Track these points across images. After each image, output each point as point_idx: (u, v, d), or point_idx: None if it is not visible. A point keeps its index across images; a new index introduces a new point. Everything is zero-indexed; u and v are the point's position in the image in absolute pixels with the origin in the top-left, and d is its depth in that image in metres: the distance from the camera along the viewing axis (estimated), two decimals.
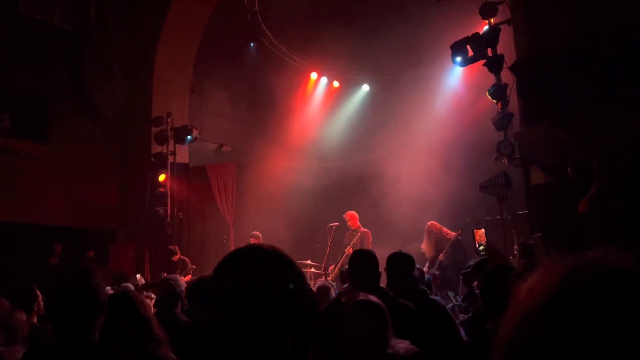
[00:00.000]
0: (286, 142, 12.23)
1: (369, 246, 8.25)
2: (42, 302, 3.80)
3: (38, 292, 3.91)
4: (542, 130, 7.01)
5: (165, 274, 8.26)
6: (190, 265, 9.49)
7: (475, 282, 4.09)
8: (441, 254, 7.21)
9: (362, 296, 2.33)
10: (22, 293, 3.73)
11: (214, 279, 1.21)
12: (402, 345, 2.35)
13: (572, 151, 6.58)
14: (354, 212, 9.35)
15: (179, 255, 9.58)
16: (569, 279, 0.56)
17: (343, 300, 2.29)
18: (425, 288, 3.96)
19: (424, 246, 7.68)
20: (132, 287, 5.52)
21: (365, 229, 9.08)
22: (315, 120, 13.14)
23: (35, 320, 3.58)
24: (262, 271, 1.17)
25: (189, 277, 9.04)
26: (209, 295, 1.21)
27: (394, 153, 11.18)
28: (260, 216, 11.14)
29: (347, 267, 7.16)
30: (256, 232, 9.63)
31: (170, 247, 9.75)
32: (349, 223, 9.21)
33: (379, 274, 3.42)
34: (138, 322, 2.43)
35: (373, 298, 2.34)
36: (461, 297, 5.43)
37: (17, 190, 9.43)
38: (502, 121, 7.70)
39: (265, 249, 1.23)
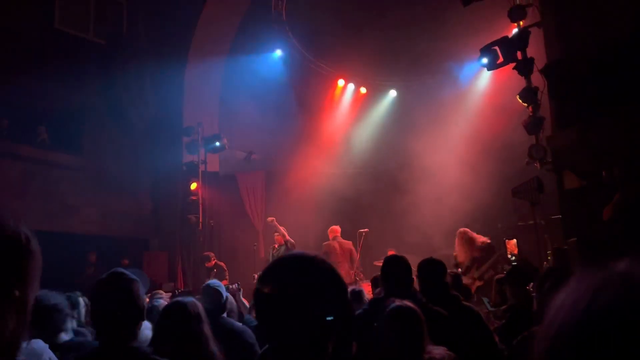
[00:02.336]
0: (315, 149, 12.29)
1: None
2: (83, 310, 3.93)
3: (81, 300, 4.04)
4: (575, 134, 6.90)
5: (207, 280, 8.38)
6: (226, 271, 9.56)
7: (531, 284, 4.04)
8: (484, 266, 7.11)
9: (397, 302, 2.36)
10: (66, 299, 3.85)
11: (261, 285, 1.25)
12: (438, 351, 2.36)
13: (605, 155, 6.45)
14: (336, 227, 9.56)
15: (214, 261, 9.64)
16: (597, 294, 0.55)
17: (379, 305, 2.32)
18: (458, 294, 3.93)
19: (457, 252, 7.58)
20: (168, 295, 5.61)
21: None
22: (344, 126, 13.17)
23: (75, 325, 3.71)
24: (307, 278, 1.21)
25: (225, 282, 9.16)
26: (256, 301, 1.25)
27: (424, 158, 11.11)
28: (290, 223, 11.20)
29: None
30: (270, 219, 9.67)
31: (206, 252, 9.83)
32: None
33: (412, 279, 3.43)
34: (191, 335, 2.50)
35: (409, 303, 2.36)
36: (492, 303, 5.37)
37: (53, 200, 9.72)
38: (534, 125, 7.59)
39: (309, 256, 1.26)
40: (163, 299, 5.16)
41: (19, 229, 0.80)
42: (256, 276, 7.25)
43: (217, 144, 11.11)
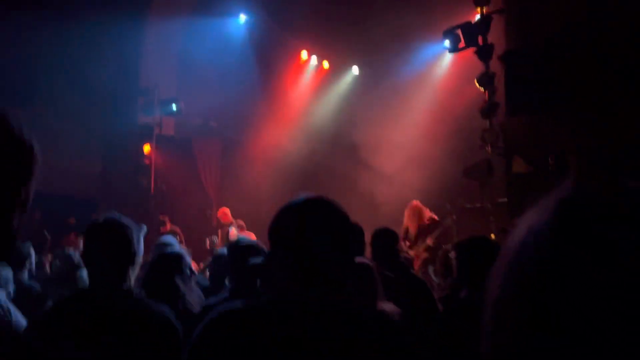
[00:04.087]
0: (275, 120, 12.24)
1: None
2: (34, 261, 3.93)
3: (32, 252, 4.01)
4: (526, 120, 7.18)
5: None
6: (180, 235, 9.43)
7: (453, 253, 4.23)
8: (429, 238, 7.35)
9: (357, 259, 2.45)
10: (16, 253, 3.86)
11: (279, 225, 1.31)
12: (388, 306, 2.48)
13: (553, 143, 6.75)
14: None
15: (169, 225, 9.50)
16: (572, 199, 0.54)
17: None
18: (405, 262, 4.09)
19: (407, 224, 7.79)
20: None
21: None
22: (304, 100, 13.14)
23: (26, 277, 3.69)
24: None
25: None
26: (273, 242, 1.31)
27: (381, 137, 11.28)
28: (244, 193, 11.19)
29: None
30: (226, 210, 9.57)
31: (161, 217, 9.66)
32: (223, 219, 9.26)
33: (364, 245, 3.55)
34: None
35: (364, 260, 2.46)
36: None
37: None
38: (488, 110, 7.84)
39: (327, 200, 1.34)
40: None
41: (26, 133, 0.84)
42: (208, 240, 7.21)
43: (174, 107, 10.88)
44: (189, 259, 3.28)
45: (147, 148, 10.74)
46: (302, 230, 1.28)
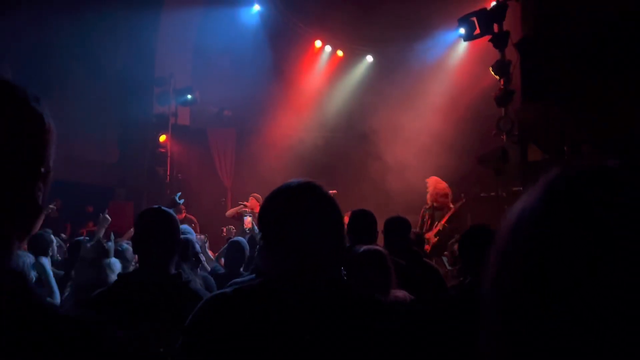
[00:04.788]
0: (288, 109, 12.26)
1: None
2: (56, 247, 4.06)
3: (52, 237, 4.14)
4: (542, 108, 7.12)
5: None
6: (196, 223, 9.50)
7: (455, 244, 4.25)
8: (441, 222, 7.35)
9: (366, 246, 2.49)
10: (39, 240, 4.01)
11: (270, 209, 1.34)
12: (400, 293, 2.51)
13: (568, 131, 6.69)
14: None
15: (184, 213, 9.55)
16: (558, 178, 0.58)
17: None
18: (419, 250, 4.11)
19: (429, 198, 7.84)
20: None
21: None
22: (318, 89, 13.13)
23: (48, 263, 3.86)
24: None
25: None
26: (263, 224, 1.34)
27: (395, 125, 11.24)
28: (258, 181, 11.23)
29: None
30: (257, 194, 9.56)
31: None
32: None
33: (377, 232, 3.58)
34: None
35: (378, 247, 2.49)
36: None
37: None
38: (503, 97, 7.78)
39: (314, 184, 1.36)
40: (129, 245, 5.23)
41: (42, 110, 0.85)
42: (225, 230, 7.24)
43: (189, 97, 10.97)
44: (197, 247, 3.37)
45: (162, 137, 10.87)
46: (289, 214, 1.31)
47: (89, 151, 10.51)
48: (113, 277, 3.31)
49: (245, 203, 8.88)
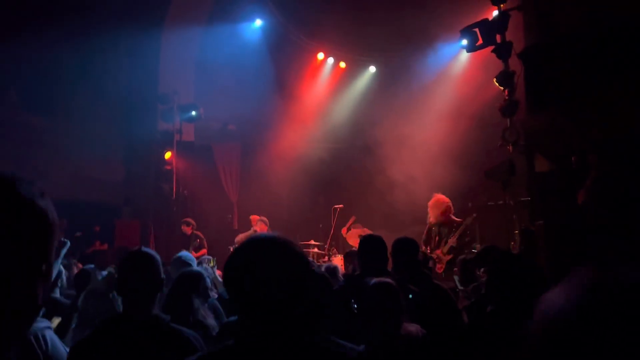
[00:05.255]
0: (292, 122, 12.26)
1: None
2: (64, 278, 4.06)
3: (62, 268, 4.13)
4: (547, 118, 7.06)
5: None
6: (203, 240, 9.48)
7: (482, 269, 4.20)
8: (452, 239, 7.21)
9: (377, 279, 2.46)
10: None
11: (231, 273, 1.32)
12: (413, 328, 2.47)
13: (575, 140, 6.63)
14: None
15: (191, 229, 9.53)
16: (586, 296, 0.62)
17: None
18: (429, 272, 4.07)
19: (432, 219, 7.64)
20: None
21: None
22: (322, 101, 13.13)
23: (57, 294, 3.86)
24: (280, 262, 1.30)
25: (203, 252, 9.18)
26: (229, 289, 1.32)
27: (399, 136, 11.22)
28: (264, 196, 11.24)
29: (353, 249, 7.27)
30: (265, 218, 9.54)
31: (186, 219, 9.69)
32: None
33: (388, 258, 3.53)
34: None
35: (388, 280, 2.45)
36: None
37: (23, 163, 9.52)
38: (508, 108, 7.73)
39: (278, 239, 1.34)
40: None
41: (45, 206, 0.84)
42: (232, 249, 7.26)
43: (193, 113, 10.99)
44: (208, 282, 3.40)
45: (168, 154, 10.87)
46: (247, 271, 1.29)
47: (94, 170, 10.54)
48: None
49: (255, 229, 8.92)
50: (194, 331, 2.42)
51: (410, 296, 2.81)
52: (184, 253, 4.24)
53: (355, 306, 2.59)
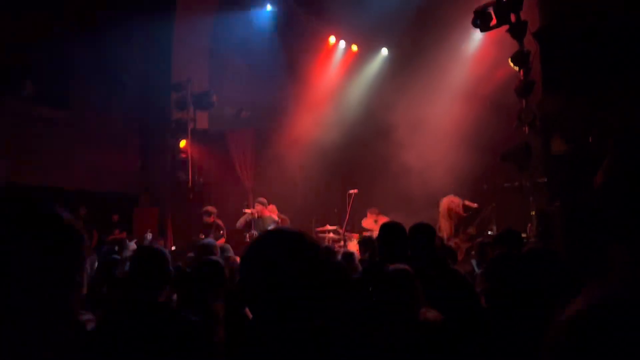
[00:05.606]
0: (305, 106, 12.24)
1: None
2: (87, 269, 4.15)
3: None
4: (564, 98, 6.97)
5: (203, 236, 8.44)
6: (224, 229, 9.50)
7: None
8: (471, 228, 7.11)
9: (394, 265, 2.48)
10: None
11: (247, 268, 1.34)
12: (431, 314, 2.50)
13: (593, 121, 6.55)
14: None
15: (213, 218, 9.48)
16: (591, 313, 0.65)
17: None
18: (445, 257, 4.08)
19: (443, 225, 7.54)
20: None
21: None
22: (335, 85, 13.08)
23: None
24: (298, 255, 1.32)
25: (222, 241, 9.26)
26: (244, 282, 1.34)
27: (414, 119, 11.15)
28: (279, 182, 11.29)
29: (368, 235, 7.30)
30: (262, 199, 9.56)
31: (206, 207, 9.65)
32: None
33: (407, 246, 3.55)
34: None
35: (405, 266, 2.48)
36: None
37: (41, 155, 9.66)
38: (524, 89, 7.65)
39: (290, 233, 1.34)
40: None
41: (71, 219, 0.89)
42: (248, 236, 7.32)
43: (207, 100, 11.02)
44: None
45: (183, 143, 10.96)
46: (262, 267, 1.30)
47: (112, 160, 10.67)
48: None
49: (250, 211, 8.99)
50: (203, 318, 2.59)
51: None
52: (209, 240, 4.30)
53: (373, 294, 2.63)
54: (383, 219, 8.52)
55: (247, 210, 9.40)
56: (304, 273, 1.30)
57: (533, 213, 8.21)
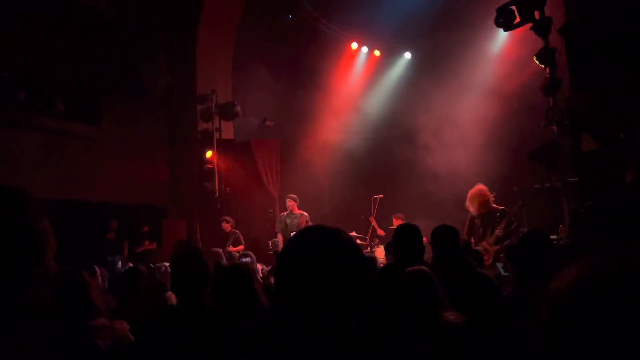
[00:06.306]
0: (329, 114, 12.25)
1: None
2: (100, 278, 4.21)
3: (97, 269, 4.28)
4: (592, 95, 6.78)
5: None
6: (241, 237, 9.74)
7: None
8: (498, 229, 6.82)
9: (411, 267, 2.43)
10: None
11: (285, 261, 1.31)
12: (452, 316, 2.44)
13: (622, 117, 6.35)
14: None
15: (229, 227, 9.81)
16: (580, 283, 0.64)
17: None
18: (471, 260, 3.98)
19: (473, 211, 7.21)
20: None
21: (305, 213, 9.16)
22: (358, 91, 13.06)
23: None
24: (335, 251, 1.28)
25: (240, 248, 9.36)
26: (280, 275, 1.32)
27: (439, 122, 11.01)
28: (305, 189, 11.28)
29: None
30: (293, 195, 9.62)
31: (226, 216, 9.98)
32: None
33: (423, 247, 3.48)
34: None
35: (423, 267, 2.43)
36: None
37: (73, 170, 9.90)
38: (551, 87, 7.46)
39: (328, 229, 1.32)
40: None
41: (38, 219, 0.88)
42: (270, 243, 7.36)
43: (231, 111, 11.13)
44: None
45: (209, 153, 11.07)
46: (299, 261, 1.27)
47: (140, 173, 10.85)
48: None
49: (290, 209, 9.04)
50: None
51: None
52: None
53: (391, 298, 2.57)
54: None
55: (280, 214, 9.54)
56: (346, 268, 1.27)
57: (566, 214, 7.97)
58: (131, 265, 8.41)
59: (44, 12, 9.48)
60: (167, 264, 5.84)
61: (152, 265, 4.38)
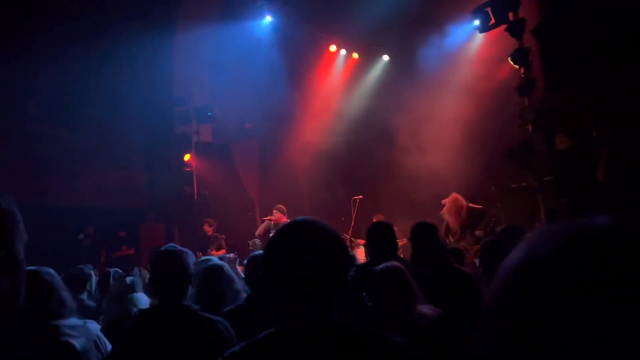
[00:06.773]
0: (308, 116, 12.24)
1: None
2: (94, 282, 4.24)
3: (92, 272, 4.30)
4: (566, 94, 6.90)
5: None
6: (223, 241, 9.60)
7: None
8: (478, 229, 6.91)
9: (386, 263, 2.43)
10: (78, 274, 4.17)
11: (274, 253, 1.31)
12: (426, 309, 2.44)
13: (596, 115, 6.47)
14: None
15: (211, 230, 9.65)
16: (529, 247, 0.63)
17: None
18: (449, 256, 4.00)
19: (447, 219, 7.29)
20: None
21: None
22: (337, 93, 13.08)
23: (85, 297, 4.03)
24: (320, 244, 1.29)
25: (222, 252, 9.27)
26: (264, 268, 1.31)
27: (417, 123, 11.08)
28: (285, 192, 11.25)
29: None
30: (280, 206, 9.60)
31: (209, 219, 9.81)
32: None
33: (397, 244, 3.50)
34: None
35: (395, 263, 2.43)
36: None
37: (47, 174, 9.72)
38: (525, 87, 7.59)
39: (315, 223, 1.33)
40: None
41: (2, 199, 0.89)
42: (250, 244, 7.28)
43: (209, 113, 11.06)
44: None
45: (187, 156, 10.99)
46: (282, 255, 1.28)
47: (117, 177, 10.70)
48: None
49: (269, 218, 8.90)
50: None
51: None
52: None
53: (366, 295, 2.57)
54: None
55: (266, 218, 9.39)
56: (333, 259, 1.28)
57: (542, 214, 8.07)
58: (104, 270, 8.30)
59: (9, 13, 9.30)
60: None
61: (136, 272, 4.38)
